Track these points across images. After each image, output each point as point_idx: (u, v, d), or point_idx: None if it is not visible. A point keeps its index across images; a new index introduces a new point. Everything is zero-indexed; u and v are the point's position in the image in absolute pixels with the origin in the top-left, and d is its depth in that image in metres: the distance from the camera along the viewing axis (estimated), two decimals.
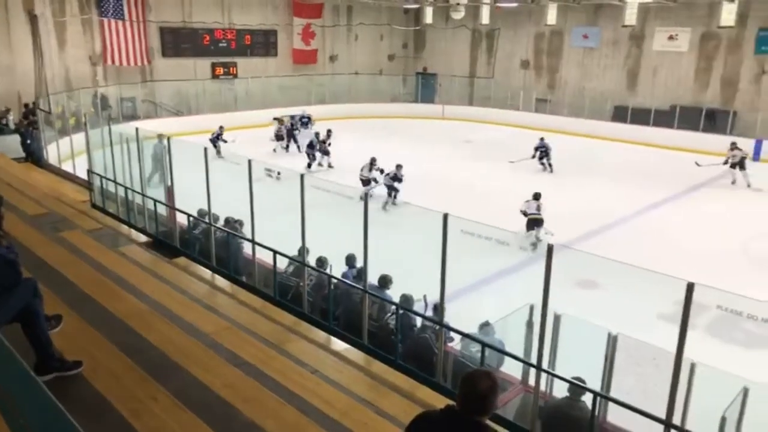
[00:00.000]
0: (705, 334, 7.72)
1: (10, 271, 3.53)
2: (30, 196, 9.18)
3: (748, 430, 4.86)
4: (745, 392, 4.76)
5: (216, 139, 18.17)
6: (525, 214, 11.90)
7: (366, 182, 14.69)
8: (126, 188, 10.33)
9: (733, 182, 17.21)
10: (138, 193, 10.10)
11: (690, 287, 4.30)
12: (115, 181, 10.53)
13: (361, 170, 15.09)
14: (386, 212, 13.60)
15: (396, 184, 14.32)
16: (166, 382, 3.86)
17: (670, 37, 24.20)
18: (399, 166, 14.57)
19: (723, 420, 4.42)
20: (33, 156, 15.93)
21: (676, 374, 4.50)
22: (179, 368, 4.18)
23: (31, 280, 3.79)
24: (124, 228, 9.88)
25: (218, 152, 15.76)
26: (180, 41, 25.11)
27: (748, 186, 16.79)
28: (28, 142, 16.05)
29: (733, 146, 17.33)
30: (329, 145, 18.57)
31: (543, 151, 18.54)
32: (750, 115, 22.07)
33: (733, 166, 17.14)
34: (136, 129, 9.94)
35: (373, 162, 15.11)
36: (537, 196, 12.23)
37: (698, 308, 4.40)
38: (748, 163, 17.33)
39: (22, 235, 6.31)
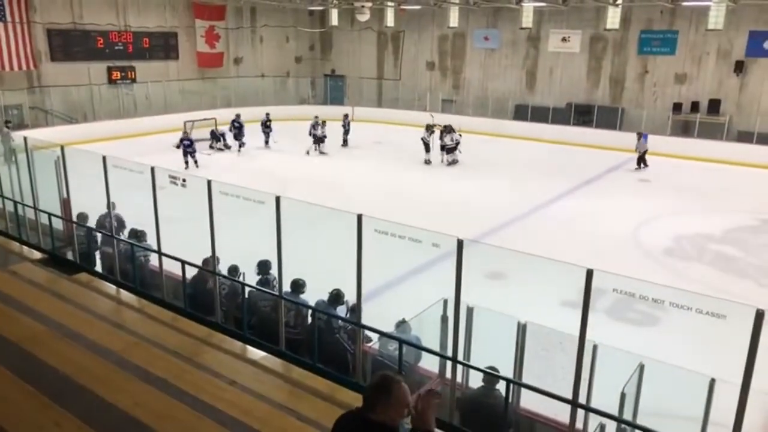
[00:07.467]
0: (605, 316, 8.25)
1: None
2: None
3: (645, 403, 5.24)
4: (641, 368, 5.13)
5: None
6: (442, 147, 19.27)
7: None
8: (15, 202, 9.61)
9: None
10: (29, 207, 9.42)
11: (590, 273, 4.59)
12: (2, 195, 9.76)
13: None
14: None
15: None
16: (69, 405, 3.64)
17: (563, 39, 25.60)
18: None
19: (623, 396, 4.74)
20: None
21: (579, 356, 4.79)
22: (84, 390, 3.95)
23: None
24: (15, 245, 9.18)
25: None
26: (71, 44, 23.58)
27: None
28: None
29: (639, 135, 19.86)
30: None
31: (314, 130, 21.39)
32: (636, 111, 23.78)
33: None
34: (24, 138, 9.28)
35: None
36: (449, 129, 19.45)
37: (597, 293, 4.70)
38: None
39: None
